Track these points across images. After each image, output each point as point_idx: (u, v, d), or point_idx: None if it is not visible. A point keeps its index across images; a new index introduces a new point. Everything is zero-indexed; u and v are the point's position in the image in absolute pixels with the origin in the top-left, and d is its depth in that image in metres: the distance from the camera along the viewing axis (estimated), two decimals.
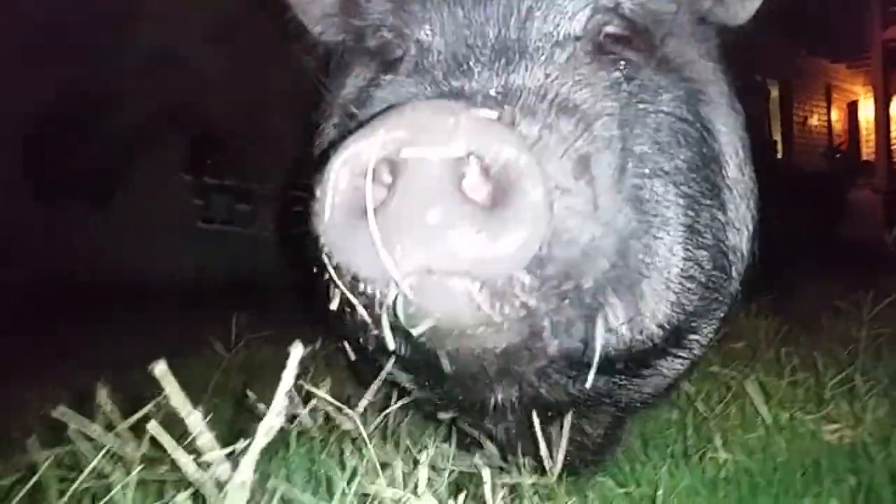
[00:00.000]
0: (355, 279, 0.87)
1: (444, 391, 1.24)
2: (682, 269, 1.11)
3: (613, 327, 1.05)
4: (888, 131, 12.50)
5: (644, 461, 1.46)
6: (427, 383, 1.27)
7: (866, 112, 13.97)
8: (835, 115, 14.41)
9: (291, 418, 1.16)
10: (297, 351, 0.60)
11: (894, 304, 2.54)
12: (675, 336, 1.19)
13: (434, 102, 0.90)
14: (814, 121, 13.78)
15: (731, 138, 1.33)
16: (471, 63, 1.05)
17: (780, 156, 12.23)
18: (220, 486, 0.76)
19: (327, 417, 1.26)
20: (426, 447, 1.26)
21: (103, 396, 1.08)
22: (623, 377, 1.25)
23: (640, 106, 1.13)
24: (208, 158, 6.27)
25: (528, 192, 0.82)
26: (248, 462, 0.69)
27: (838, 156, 12.85)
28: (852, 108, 14.60)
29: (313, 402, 1.15)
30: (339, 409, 1.13)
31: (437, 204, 0.80)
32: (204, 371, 2.75)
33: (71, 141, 5.49)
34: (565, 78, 1.03)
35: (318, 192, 0.87)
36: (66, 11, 5.23)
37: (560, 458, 1.20)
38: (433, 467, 1.04)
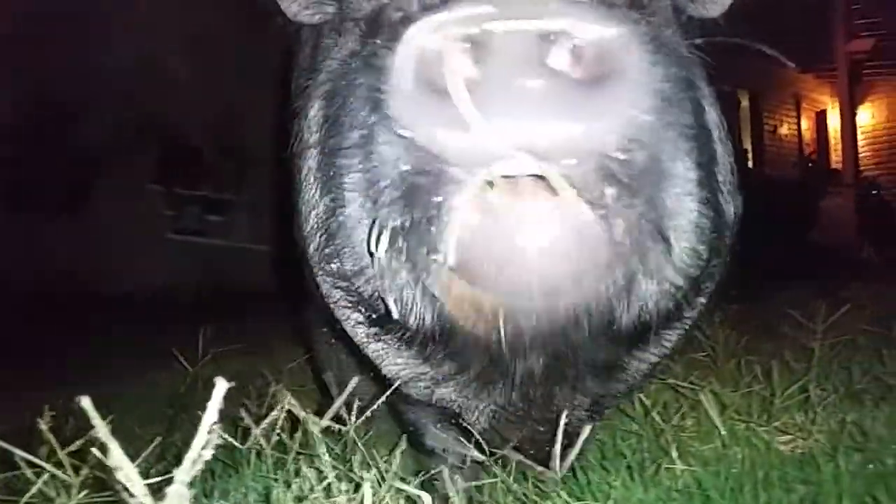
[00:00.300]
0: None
1: (454, 364, 1.20)
2: (696, 217, 1.06)
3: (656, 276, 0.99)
4: (855, 141, 12.75)
5: (600, 473, 1.48)
6: (435, 357, 1.22)
7: (835, 121, 14.22)
8: (804, 124, 14.64)
9: (245, 437, 1.16)
10: (220, 387, 0.60)
11: (850, 313, 2.60)
12: (689, 293, 1.13)
13: None
14: (784, 130, 13.99)
15: (715, 115, 1.34)
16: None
17: (750, 164, 12.42)
18: None
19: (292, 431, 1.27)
20: (382, 464, 1.27)
21: (43, 424, 1.07)
22: (641, 343, 1.22)
23: (653, 58, 1.07)
24: (180, 169, 6.24)
25: (630, 68, 0.79)
26: (175, 494, 0.68)
27: (811, 165, 13.07)
28: (821, 117, 14.85)
29: (267, 420, 1.15)
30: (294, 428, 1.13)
31: (531, 79, 0.76)
32: (172, 384, 2.73)
33: (41, 151, 5.43)
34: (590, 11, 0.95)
35: (391, 62, 0.82)
36: (35, 22, 5.18)
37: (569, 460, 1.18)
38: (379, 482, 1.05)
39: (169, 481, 0.69)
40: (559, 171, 0.81)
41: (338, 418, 1.37)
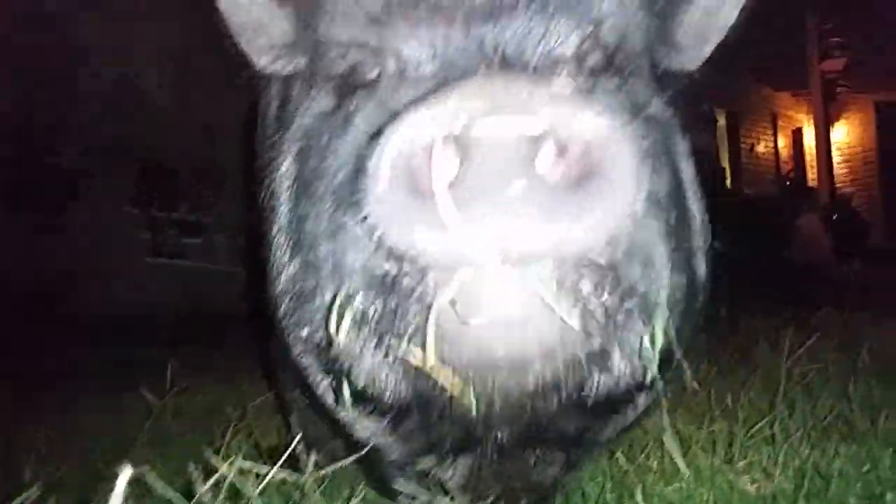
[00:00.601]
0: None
1: (426, 435, 1.19)
2: (673, 292, 1.08)
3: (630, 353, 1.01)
4: (830, 158, 12.94)
5: None
6: (407, 428, 1.21)
7: (810, 139, 14.44)
8: (781, 141, 14.84)
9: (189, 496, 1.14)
10: (125, 475, 0.57)
11: (819, 340, 2.61)
12: (664, 364, 1.13)
13: (503, 74, 0.84)
14: (761, 148, 14.17)
15: (690, 175, 1.36)
16: (475, 70, 0.99)
17: (728, 182, 12.56)
18: None
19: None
20: None
21: None
22: (614, 412, 1.21)
23: (633, 125, 1.04)
24: (156, 190, 6.18)
25: (618, 167, 0.80)
26: None
27: (789, 183, 13.24)
28: (797, 135, 15.07)
29: (212, 480, 1.13)
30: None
31: (514, 181, 0.76)
32: (142, 410, 2.69)
33: (13, 171, 5.37)
34: (573, 93, 0.97)
35: (370, 167, 0.82)
36: (8, 37, 5.14)
37: None
38: None
39: None
40: (536, 272, 0.82)
41: (296, 463, 1.35)
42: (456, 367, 0.92)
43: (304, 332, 1.17)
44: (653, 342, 0.98)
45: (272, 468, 1.14)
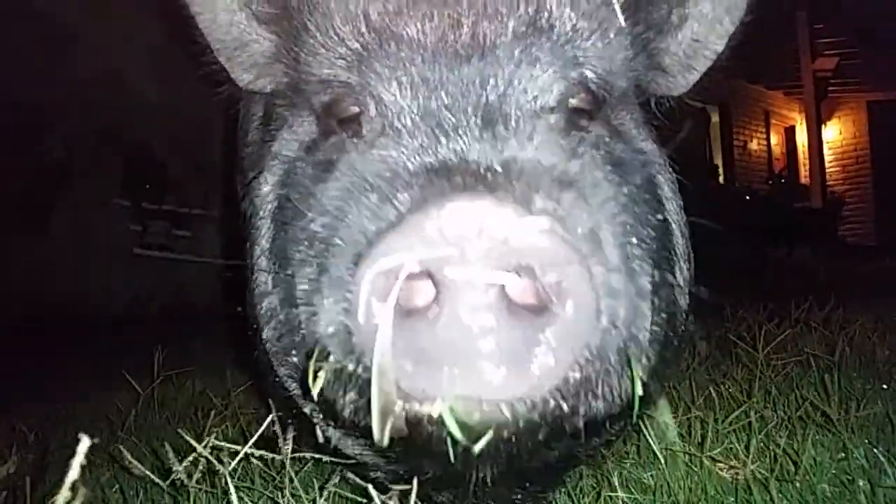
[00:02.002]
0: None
1: (410, 464, 1.21)
2: (654, 333, 1.09)
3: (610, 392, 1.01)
4: (822, 156, 13.00)
5: None
6: (392, 454, 1.22)
7: (803, 137, 14.49)
8: (774, 139, 14.89)
9: (167, 473, 1.15)
10: (84, 444, 0.58)
11: (802, 335, 2.64)
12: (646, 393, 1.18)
13: (474, 203, 0.83)
14: (753, 145, 14.21)
15: (673, 205, 1.37)
16: (456, 129, 1.00)
17: (721, 179, 12.60)
18: None
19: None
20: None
21: None
22: (594, 437, 1.23)
23: (617, 177, 1.11)
24: (146, 182, 6.17)
25: (580, 306, 0.83)
26: None
27: (782, 180, 13.27)
28: (790, 132, 15.11)
29: (192, 456, 1.14)
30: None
31: (487, 328, 0.81)
32: (129, 403, 2.70)
33: (2, 167, 5.34)
34: (555, 150, 1.00)
35: (351, 296, 0.86)
36: None
37: None
38: None
39: None
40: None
41: (273, 445, 1.36)
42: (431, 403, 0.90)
43: (292, 359, 1.16)
44: (633, 384, 0.99)
45: (245, 447, 1.15)
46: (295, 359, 1.15)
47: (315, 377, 0.93)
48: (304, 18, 1.24)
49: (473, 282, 0.80)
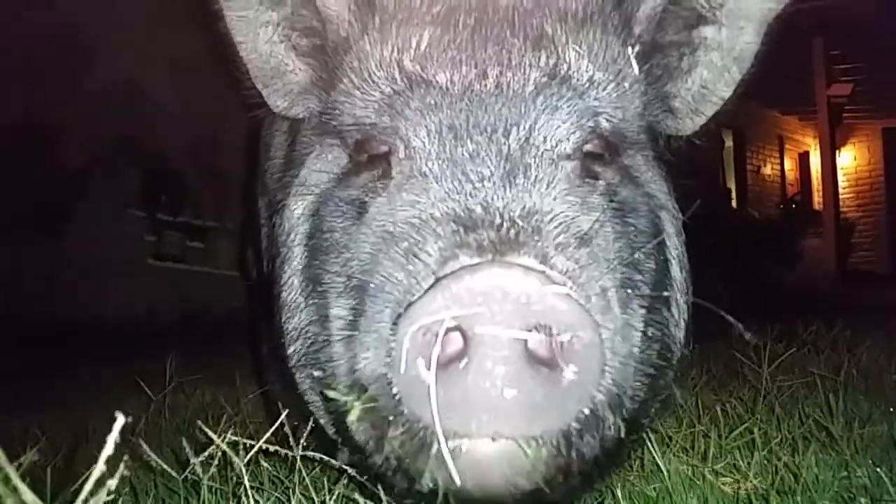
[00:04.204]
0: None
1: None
2: (648, 374, 1.16)
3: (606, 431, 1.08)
4: (836, 182, 12.94)
5: None
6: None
7: (817, 163, 14.44)
8: (787, 164, 14.86)
9: (184, 468, 1.18)
10: (120, 420, 0.62)
11: (807, 357, 2.64)
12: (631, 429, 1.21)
13: (501, 269, 0.93)
14: (767, 170, 14.18)
15: (675, 241, 1.41)
16: (478, 178, 1.07)
17: (734, 204, 12.57)
18: None
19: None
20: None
21: None
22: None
23: (624, 226, 1.19)
24: (161, 194, 6.25)
25: (590, 359, 0.93)
26: None
27: (794, 206, 13.20)
28: (804, 158, 15.07)
29: (208, 451, 1.17)
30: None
31: (511, 379, 0.90)
32: (142, 413, 2.73)
33: (19, 175, 5.42)
34: (570, 200, 1.09)
35: (389, 349, 0.96)
36: (12, 41, 5.19)
37: None
38: None
39: None
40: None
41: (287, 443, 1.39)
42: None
43: (316, 373, 1.23)
44: (623, 420, 1.06)
45: (259, 442, 1.18)
46: (317, 373, 1.22)
47: (353, 412, 1.02)
48: (339, 59, 1.32)
49: (500, 338, 0.89)
